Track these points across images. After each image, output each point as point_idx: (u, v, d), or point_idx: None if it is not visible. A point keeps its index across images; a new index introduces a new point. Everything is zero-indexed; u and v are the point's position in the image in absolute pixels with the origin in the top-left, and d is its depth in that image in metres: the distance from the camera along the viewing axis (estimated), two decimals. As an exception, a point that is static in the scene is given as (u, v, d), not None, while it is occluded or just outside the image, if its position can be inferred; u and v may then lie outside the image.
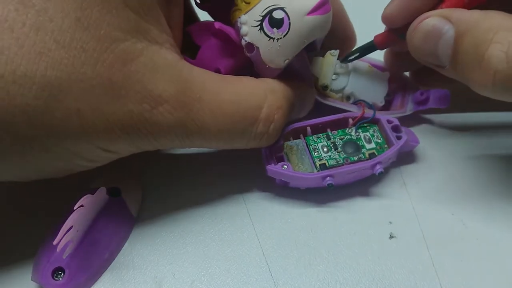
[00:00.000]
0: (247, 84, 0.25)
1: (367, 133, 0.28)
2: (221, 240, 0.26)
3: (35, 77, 0.19)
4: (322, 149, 0.27)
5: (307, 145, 0.28)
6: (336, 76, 0.29)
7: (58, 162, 0.22)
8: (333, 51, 0.29)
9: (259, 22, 0.24)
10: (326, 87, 0.29)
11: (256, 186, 0.29)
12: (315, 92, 0.29)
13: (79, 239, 0.24)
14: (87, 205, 0.24)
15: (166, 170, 0.29)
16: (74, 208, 0.23)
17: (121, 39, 0.21)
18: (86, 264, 0.24)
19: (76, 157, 0.22)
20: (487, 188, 0.28)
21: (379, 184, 0.28)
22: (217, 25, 0.25)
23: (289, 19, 0.24)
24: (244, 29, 0.25)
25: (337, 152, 0.27)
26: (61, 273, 0.24)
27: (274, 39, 0.24)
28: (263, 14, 0.24)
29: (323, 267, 0.25)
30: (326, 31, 0.26)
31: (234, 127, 0.25)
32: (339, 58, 0.29)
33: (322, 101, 0.29)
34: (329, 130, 0.28)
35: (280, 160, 0.27)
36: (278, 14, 0.24)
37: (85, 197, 0.23)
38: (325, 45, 0.29)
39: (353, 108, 0.29)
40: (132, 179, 0.28)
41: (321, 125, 0.28)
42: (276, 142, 0.27)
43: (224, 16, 0.27)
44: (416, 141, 0.29)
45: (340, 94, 0.29)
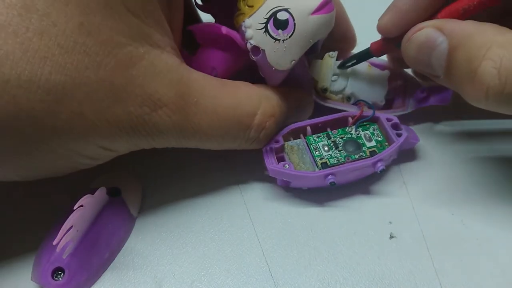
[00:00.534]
0: (243, 90, 0.26)
1: (367, 132, 0.28)
2: (221, 240, 0.26)
3: (39, 81, 0.20)
4: (323, 148, 0.27)
5: (308, 144, 0.28)
6: (336, 78, 0.29)
7: (61, 161, 0.23)
8: (331, 53, 0.29)
9: (264, 25, 0.24)
10: (326, 90, 0.29)
11: (256, 186, 0.29)
12: (312, 99, 0.29)
13: (79, 239, 0.24)
14: (87, 205, 0.24)
15: (166, 170, 0.29)
16: (74, 208, 0.23)
17: (123, 43, 0.21)
18: (86, 264, 0.24)
19: (79, 156, 0.23)
20: (487, 188, 0.28)
21: (379, 184, 0.28)
22: (224, 30, 0.25)
23: (294, 20, 0.24)
24: (249, 32, 0.25)
25: (338, 151, 0.27)
26: (61, 273, 0.24)
27: (279, 40, 0.24)
28: (268, 16, 0.24)
29: (323, 267, 0.25)
30: (330, 29, 0.26)
31: (228, 131, 0.25)
32: (338, 59, 0.29)
33: (323, 103, 0.29)
34: (329, 129, 0.28)
35: (281, 160, 0.27)
36: (282, 16, 0.24)
37: (85, 197, 0.23)
38: (325, 47, 0.29)
39: (354, 109, 0.29)
40: (132, 179, 0.28)
41: (320, 125, 0.28)
42: (276, 142, 0.27)
43: (225, 17, 0.27)
44: (416, 138, 0.29)
45: (341, 95, 0.29)
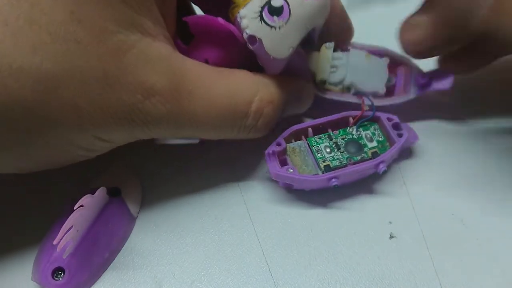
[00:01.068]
0: (239, 76, 0.26)
1: (368, 132, 0.28)
2: (221, 240, 0.26)
3: (31, 71, 0.20)
4: (325, 149, 0.27)
5: (310, 146, 0.28)
6: (334, 69, 0.29)
7: (57, 153, 0.23)
8: (327, 44, 0.29)
9: (259, 13, 0.24)
10: (324, 82, 0.29)
11: (257, 186, 0.29)
12: (312, 88, 0.29)
13: (79, 239, 0.24)
14: (87, 205, 0.24)
15: (167, 171, 0.29)
16: (74, 208, 0.23)
17: (114, 31, 0.21)
18: (86, 264, 0.24)
19: (74, 147, 0.23)
20: (487, 188, 0.28)
21: (379, 184, 0.28)
22: (221, 20, 0.25)
23: (288, 6, 0.24)
24: (245, 22, 0.25)
25: (340, 152, 0.27)
26: (61, 273, 0.24)
27: (276, 27, 0.24)
28: (262, 4, 0.24)
29: (323, 267, 0.25)
30: (326, 15, 0.26)
31: (224, 119, 0.25)
32: (336, 50, 0.29)
33: (323, 95, 0.29)
34: (330, 130, 0.28)
35: (283, 162, 0.27)
36: (277, 2, 0.24)
37: (85, 197, 0.23)
38: (322, 37, 0.28)
39: (354, 99, 0.29)
40: (132, 179, 0.28)
41: (321, 126, 0.28)
42: (278, 145, 0.27)
43: (218, 12, 0.26)
44: (416, 137, 0.29)
45: (340, 86, 0.29)
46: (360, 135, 0.28)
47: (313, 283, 0.25)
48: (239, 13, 0.25)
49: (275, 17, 0.24)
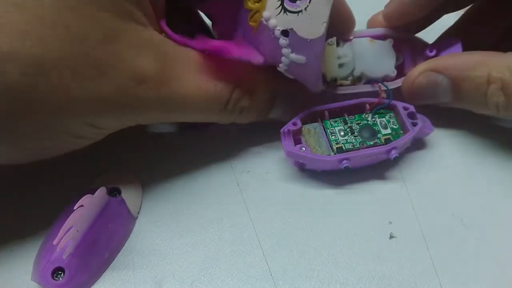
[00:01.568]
0: (225, 64, 0.26)
1: (383, 119, 0.28)
2: (221, 240, 0.26)
3: (20, 55, 0.20)
4: (339, 133, 0.28)
5: (325, 128, 0.28)
6: (342, 63, 0.29)
7: (47, 140, 0.23)
8: (329, 40, 0.29)
9: (280, 5, 0.24)
10: (336, 79, 0.29)
11: (256, 186, 0.29)
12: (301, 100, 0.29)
13: (79, 239, 0.24)
14: (87, 205, 0.24)
15: (167, 171, 0.29)
16: (74, 208, 0.23)
17: (106, 18, 0.22)
18: (86, 264, 0.24)
19: (64, 133, 0.23)
20: (487, 188, 0.28)
21: (379, 184, 0.28)
22: (236, 53, 0.25)
23: None
24: (272, 22, 0.25)
25: (354, 136, 0.28)
26: (61, 273, 0.24)
27: (301, 11, 0.24)
28: None
29: (323, 267, 0.25)
30: None
31: (209, 105, 0.26)
32: (338, 43, 0.29)
33: (337, 92, 0.29)
34: (346, 115, 0.28)
35: (297, 142, 0.28)
36: None
37: (85, 197, 0.23)
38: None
39: (368, 88, 0.29)
40: (132, 179, 0.28)
41: (338, 110, 0.28)
42: (294, 125, 0.27)
43: (223, 18, 0.27)
44: (431, 128, 0.29)
45: (351, 78, 0.29)
46: (375, 122, 0.28)
47: (313, 283, 0.25)
48: (262, 17, 0.25)
49: (298, 1, 0.24)
